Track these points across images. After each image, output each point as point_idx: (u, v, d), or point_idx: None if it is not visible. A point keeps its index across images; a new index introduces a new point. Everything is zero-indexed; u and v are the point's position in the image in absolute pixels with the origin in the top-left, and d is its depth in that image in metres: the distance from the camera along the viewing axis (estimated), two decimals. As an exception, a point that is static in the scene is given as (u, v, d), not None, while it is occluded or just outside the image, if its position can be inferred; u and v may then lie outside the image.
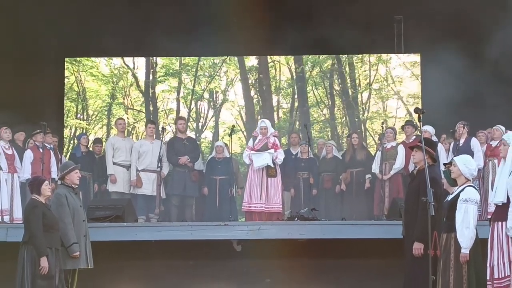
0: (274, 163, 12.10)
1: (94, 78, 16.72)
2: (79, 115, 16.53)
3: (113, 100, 16.61)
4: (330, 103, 16.68)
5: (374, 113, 16.53)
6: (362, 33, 14.96)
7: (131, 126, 15.93)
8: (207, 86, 16.59)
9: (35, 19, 14.71)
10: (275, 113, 16.75)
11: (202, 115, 16.42)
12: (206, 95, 16.53)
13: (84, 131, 15.38)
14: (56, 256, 8.57)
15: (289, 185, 13.15)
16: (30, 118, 12.54)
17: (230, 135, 13.24)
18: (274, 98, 16.84)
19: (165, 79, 16.76)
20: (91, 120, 16.55)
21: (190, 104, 16.51)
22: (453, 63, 13.61)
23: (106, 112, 16.63)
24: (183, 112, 16.31)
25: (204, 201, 12.85)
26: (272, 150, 12.07)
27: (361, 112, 16.50)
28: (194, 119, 16.42)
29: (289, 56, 16.77)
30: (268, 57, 16.78)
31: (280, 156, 12.22)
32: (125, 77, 16.76)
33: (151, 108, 16.52)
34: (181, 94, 16.61)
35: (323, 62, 16.86)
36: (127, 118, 15.79)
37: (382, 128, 13.24)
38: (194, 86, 16.56)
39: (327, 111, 16.58)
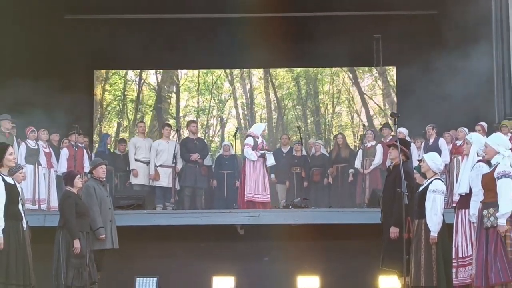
0: None
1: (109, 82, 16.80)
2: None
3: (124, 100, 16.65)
4: (321, 108, 16.69)
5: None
6: (347, 49, 14.96)
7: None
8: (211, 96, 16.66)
9: (69, 40, 14.78)
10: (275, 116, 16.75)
11: (212, 127, 16.47)
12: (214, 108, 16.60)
13: (106, 133, 15.39)
14: (87, 238, 8.58)
15: (284, 178, 13.16)
16: (64, 122, 12.50)
17: (234, 135, 13.26)
18: (273, 103, 16.82)
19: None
20: (103, 118, 16.51)
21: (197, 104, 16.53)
22: (423, 75, 13.62)
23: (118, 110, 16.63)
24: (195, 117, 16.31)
25: (212, 191, 12.80)
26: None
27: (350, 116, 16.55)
28: (205, 129, 16.43)
29: (285, 78, 16.83)
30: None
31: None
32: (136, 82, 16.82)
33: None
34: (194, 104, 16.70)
35: (313, 74, 16.84)
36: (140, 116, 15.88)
37: (364, 130, 13.25)
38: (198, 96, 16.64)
39: (318, 115, 16.59)
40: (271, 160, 12.03)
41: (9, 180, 7.37)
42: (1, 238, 6.92)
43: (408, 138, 11.87)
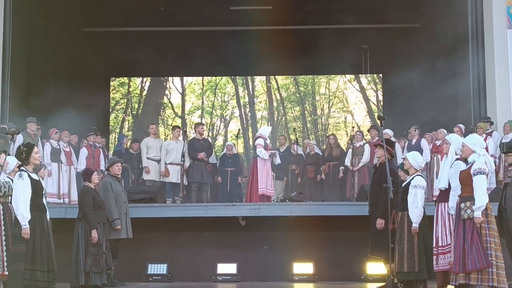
0: None
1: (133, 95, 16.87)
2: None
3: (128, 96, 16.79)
4: (312, 112, 16.73)
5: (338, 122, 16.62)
6: (339, 58, 15.01)
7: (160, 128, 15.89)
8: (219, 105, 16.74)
9: (88, 50, 14.81)
10: (270, 121, 16.77)
11: (216, 126, 16.47)
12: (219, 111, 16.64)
13: (123, 134, 15.42)
14: (103, 229, 8.58)
15: (282, 175, 13.15)
16: (83, 124, 12.52)
17: (237, 137, 13.24)
18: (275, 102, 16.89)
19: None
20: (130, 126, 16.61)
21: (208, 116, 16.55)
22: (407, 81, 13.61)
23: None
24: (201, 120, 16.33)
25: (216, 186, 12.77)
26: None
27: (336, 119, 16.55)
28: (210, 128, 16.47)
29: (285, 79, 16.87)
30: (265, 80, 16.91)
31: None
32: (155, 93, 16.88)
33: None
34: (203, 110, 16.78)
35: (310, 83, 16.89)
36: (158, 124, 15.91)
37: (353, 131, 13.25)
38: (212, 108, 16.69)
39: (316, 115, 16.64)
40: (278, 159, 12.06)
41: (34, 176, 7.38)
42: (27, 228, 6.94)
43: (393, 139, 11.87)
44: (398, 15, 14.50)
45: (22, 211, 6.91)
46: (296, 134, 13.28)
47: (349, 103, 16.50)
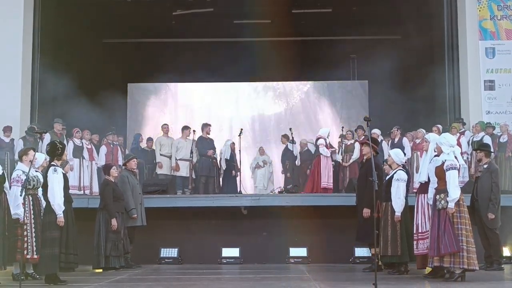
0: None
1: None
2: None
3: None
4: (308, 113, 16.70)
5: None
6: (330, 66, 14.99)
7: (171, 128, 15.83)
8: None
9: (107, 59, 14.79)
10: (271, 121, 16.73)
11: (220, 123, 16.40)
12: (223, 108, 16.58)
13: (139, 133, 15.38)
14: (122, 217, 8.58)
15: (284, 170, 13.11)
16: (103, 124, 12.50)
17: (239, 135, 13.20)
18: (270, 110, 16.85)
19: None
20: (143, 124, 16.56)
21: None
22: (390, 87, 13.61)
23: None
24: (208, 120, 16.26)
25: (220, 179, 12.70)
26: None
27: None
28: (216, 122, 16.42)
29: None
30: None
31: None
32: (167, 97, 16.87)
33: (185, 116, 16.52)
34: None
35: (303, 86, 16.87)
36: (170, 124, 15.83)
37: (342, 130, 13.19)
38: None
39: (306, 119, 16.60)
40: (338, 156, 11.98)
41: (62, 170, 7.38)
42: (62, 217, 6.90)
43: (380, 138, 11.85)
44: (382, 28, 14.50)
45: (59, 202, 6.88)
46: (292, 134, 13.21)
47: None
